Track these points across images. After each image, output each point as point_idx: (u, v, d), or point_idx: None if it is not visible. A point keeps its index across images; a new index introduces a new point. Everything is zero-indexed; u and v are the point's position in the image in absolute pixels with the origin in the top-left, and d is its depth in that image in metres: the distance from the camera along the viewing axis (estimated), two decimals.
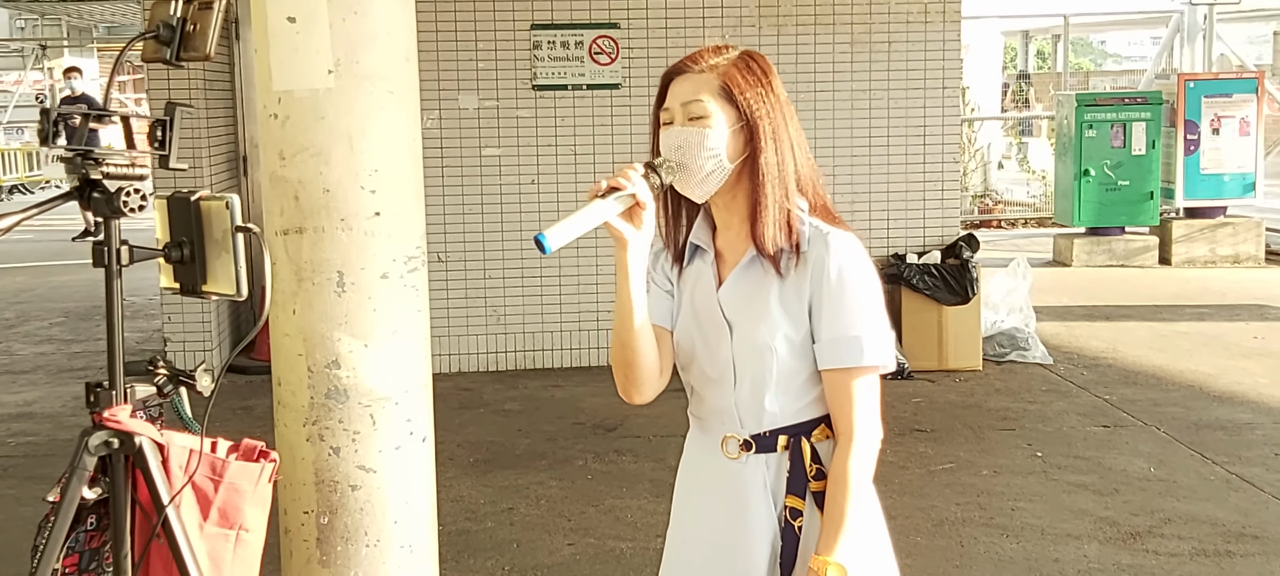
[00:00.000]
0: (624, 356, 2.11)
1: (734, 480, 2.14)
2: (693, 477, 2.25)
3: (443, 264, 7.48)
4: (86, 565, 2.42)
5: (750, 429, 2.13)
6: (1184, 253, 11.68)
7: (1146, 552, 4.64)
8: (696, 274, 2.18)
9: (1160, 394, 6.91)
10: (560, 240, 1.93)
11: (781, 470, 2.12)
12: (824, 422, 2.12)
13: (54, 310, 10.29)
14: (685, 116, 2.08)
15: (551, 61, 7.56)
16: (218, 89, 7.95)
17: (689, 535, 2.25)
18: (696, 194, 2.11)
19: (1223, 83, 12.38)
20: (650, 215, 2.03)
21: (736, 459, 2.14)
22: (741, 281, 2.12)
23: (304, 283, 2.93)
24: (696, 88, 2.08)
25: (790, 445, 2.11)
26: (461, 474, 5.65)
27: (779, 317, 2.09)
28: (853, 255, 2.10)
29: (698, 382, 2.19)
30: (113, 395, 2.34)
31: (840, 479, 2.06)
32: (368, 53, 2.90)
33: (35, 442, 6.36)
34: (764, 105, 2.08)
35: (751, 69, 2.10)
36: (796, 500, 2.10)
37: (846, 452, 2.07)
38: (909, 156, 7.92)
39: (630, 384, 2.13)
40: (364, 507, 3.00)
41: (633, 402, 2.18)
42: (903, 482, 5.46)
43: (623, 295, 2.06)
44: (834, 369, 2.07)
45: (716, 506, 2.17)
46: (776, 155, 2.08)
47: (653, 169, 2.05)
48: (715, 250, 2.18)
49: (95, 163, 2.25)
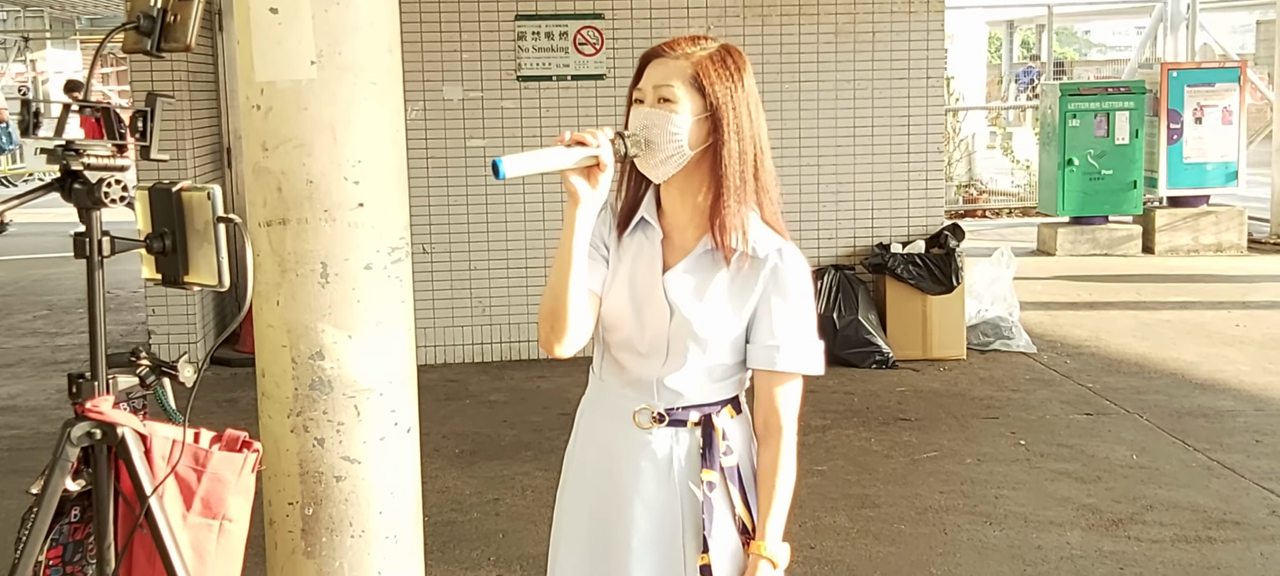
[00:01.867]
0: (554, 309, 2.16)
1: (638, 449, 2.23)
2: (593, 441, 2.32)
3: (427, 255, 7.47)
4: (70, 557, 2.42)
5: (666, 403, 2.22)
6: (1167, 241, 11.73)
7: (1128, 539, 4.67)
8: (638, 247, 2.24)
9: (1143, 382, 6.95)
10: (516, 170, 2.01)
11: (692, 445, 2.22)
12: (730, 403, 2.25)
13: (37, 303, 10.25)
14: (655, 98, 2.14)
15: (536, 52, 7.56)
16: (201, 81, 7.92)
17: (587, 498, 2.31)
18: (655, 174, 2.17)
19: (1206, 72, 12.43)
20: (607, 179, 2.09)
21: (646, 429, 2.22)
22: (692, 269, 2.20)
23: (288, 274, 2.93)
24: (669, 73, 2.14)
25: (702, 422, 2.22)
26: (447, 465, 5.66)
27: (723, 311, 2.18)
28: (803, 271, 2.21)
29: (621, 352, 2.25)
30: (95, 386, 2.34)
31: (773, 471, 2.20)
32: (350, 43, 2.89)
33: (19, 436, 6.34)
34: (731, 99, 2.14)
35: (726, 63, 2.16)
36: (710, 472, 2.21)
37: (778, 449, 2.21)
38: (893, 146, 7.93)
39: (555, 337, 2.19)
40: (349, 498, 3.00)
41: (553, 355, 2.22)
42: (887, 471, 5.48)
43: (564, 248, 2.11)
44: (772, 371, 2.20)
45: (614, 472, 2.25)
46: (738, 147, 2.14)
47: (620, 137, 2.12)
48: (662, 231, 2.23)
49: (76, 154, 2.24)
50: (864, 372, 7.17)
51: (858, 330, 7.30)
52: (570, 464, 2.37)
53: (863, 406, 6.52)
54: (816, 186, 7.84)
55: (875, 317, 7.46)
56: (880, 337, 7.38)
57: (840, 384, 6.87)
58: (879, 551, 4.59)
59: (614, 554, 2.25)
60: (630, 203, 2.26)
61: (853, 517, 4.91)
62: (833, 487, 5.21)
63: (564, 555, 2.34)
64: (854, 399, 6.65)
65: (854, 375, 7.09)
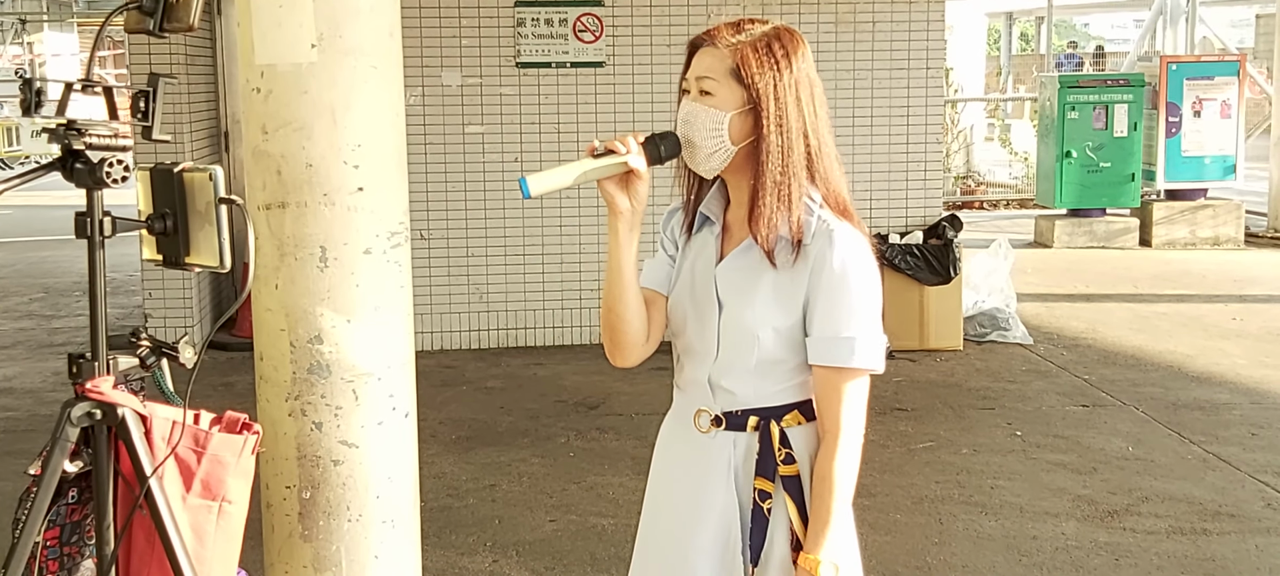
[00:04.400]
0: (609, 321, 2.13)
1: (701, 454, 2.16)
2: (668, 448, 2.28)
3: (425, 242, 7.47)
4: (68, 538, 2.42)
5: (723, 405, 2.13)
6: (1164, 234, 11.73)
7: (1124, 530, 4.69)
8: (701, 244, 2.17)
9: (1139, 374, 6.96)
10: (542, 187, 1.96)
11: (749, 450, 2.12)
12: (797, 409, 2.12)
13: (34, 286, 10.24)
14: (698, 90, 2.06)
15: (535, 39, 7.55)
16: (200, 64, 7.91)
17: (660, 505, 2.27)
18: (703, 170, 2.10)
19: (1205, 65, 12.43)
20: (645, 187, 2.03)
21: (706, 433, 2.15)
22: (739, 262, 2.11)
23: (286, 258, 2.93)
24: (711, 64, 2.05)
25: (760, 426, 2.11)
26: (444, 451, 5.66)
27: (769, 306, 2.07)
28: (857, 252, 2.07)
29: (683, 352, 2.20)
30: (95, 366, 2.33)
31: (827, 476, 2.05)
32: (351, 27, 2.89)
33: (15, 418, 6.34)
34: (773, 90, 2.02)
35: (770, 50, 2.05)
36: (765, 482, 2.10)
37: (832, 451, 2.05)
38: (892, 137, 7.93)
39: (615, 348, 2.15)
40: (346, 483, 3.00)
41: (618, 366, 2.19)
42: (883, 461, 5.49)
43: (612, 261, 2.07)
44: (825, 366, 2.05)
45: (684, 478, 2.19)
46: (781, 141, 2.03)
47: (652, 141, 2.05)
48: (724, 223, 2.16)
49: (78, 133, 2.24)
50: None
51: None
52: (652, 472, 2.31)
53: None
54: None
55: None
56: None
57: None
58: (874, 541, 4.60)
59: (676, 563, 2.18)
60: (694, 200, 2.18)
61: None
62: None
63: (640, 563, 2.30)
64: None
65: None
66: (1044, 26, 20.28)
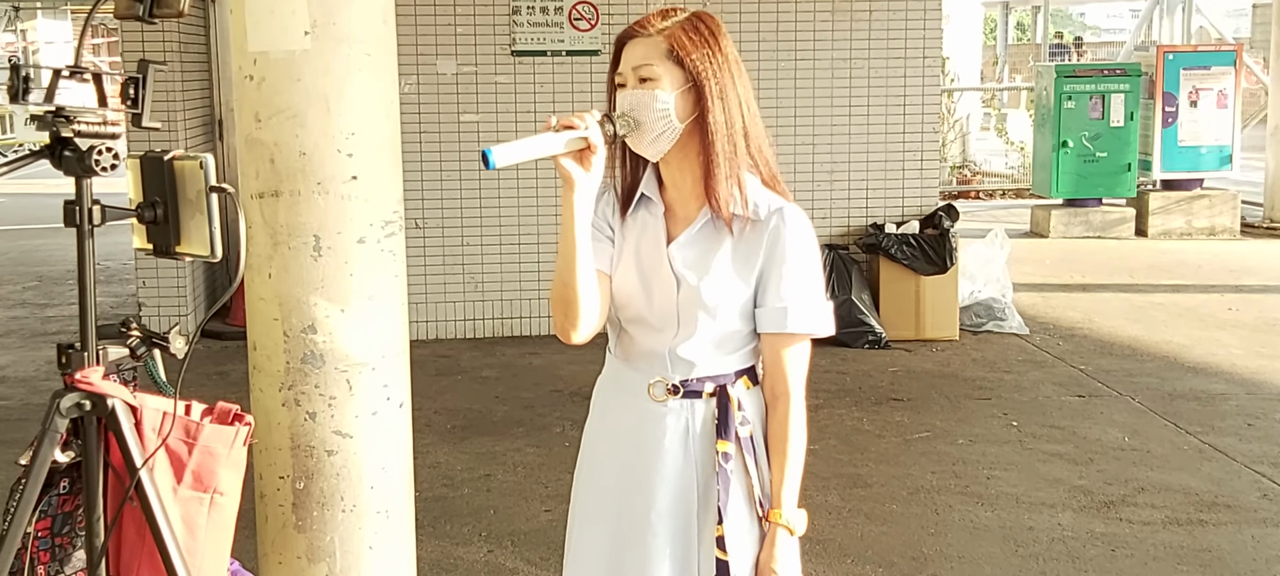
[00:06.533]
0: (564, 295, 2.15)
1: (655, 422, 2.24)
2: (608, 415, 2.33)
3: (420, 231, 7.45)
4: (59, 529, 2.40)
5: (680, 375, 2.23)
6: (1161, 224, 11.73)
7: (1120, 521, 4.68)
8: (642, 224, 2.25)
9: (1135, 364, 6.95)
10: (506, 159, 2.01)
11: (707, 416, 2.22)
12: (745, 374, 2.25)
13: (27, 274, 10.21)
14: (636, 79, 2.15)
15: (531, 27, 7.52)
16: (193, 52, 7.87)
17: (607, 472, 2.32)
18: (649, 152, 2.18)
19: (1201, 55, 12.42)
20: (600, 160, 2.09)
21: (661, 402, 2.23)
22: (695, 240, 2.21)
23: (280, 246, 2.91)
24: (646, 52, 2.15)
25: (717, 393, 2.22)
26: (438, 440, 5.65)
27: (728, 278, 2.18)
28: (806, 230, 2.21)
29: (633, 327, 2.26)
30: (85, 356, 2.31)
31: (782, 437, 2.22)
32: (345, 14, 2.86)
33: (8, 407, 6.31)
34: (710, 65, 2.14)
35: (698, 30, 2.16)
36: (726, 444, 2.21)
37: (786, 413, 2.22)
38: (889, 126, 7.91)
39: (568, 323, 2.18)
40: (340, 473, 2.98)
41: (569, 342, 2.22)
42: (879, 450, 5.48)
43: (566, 234, 2.11)
44: (778, 333, 2.19)
45: (636, 446, 2.25)
46: (725, 114, 2.15)
47: (608, 118, 2.12)
48: (664, 204, 2.24)
49: (67, 120, 2.21)
50: (857, 353, 7.16)
51: (851, 310, 7.29)
52: (588, 442, 2.38)
53: (855, 386, 6.52)
54: (811, 166, 7.82)
55: (868, 298, 7.45)
56: (873, 318, 7.37)
57: (833, 364, 6.86)
58: (870, 531, 4.59)
59: (633, 528, 2.25)
60: (630, 182, 2.26)
61: (844, 497, 4.91)
62: (824, 467, 5.20)
63: (585, 532, 2.34)
64: (846, 379, 6.65)
65: (847, 355, 7.08)
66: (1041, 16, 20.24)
